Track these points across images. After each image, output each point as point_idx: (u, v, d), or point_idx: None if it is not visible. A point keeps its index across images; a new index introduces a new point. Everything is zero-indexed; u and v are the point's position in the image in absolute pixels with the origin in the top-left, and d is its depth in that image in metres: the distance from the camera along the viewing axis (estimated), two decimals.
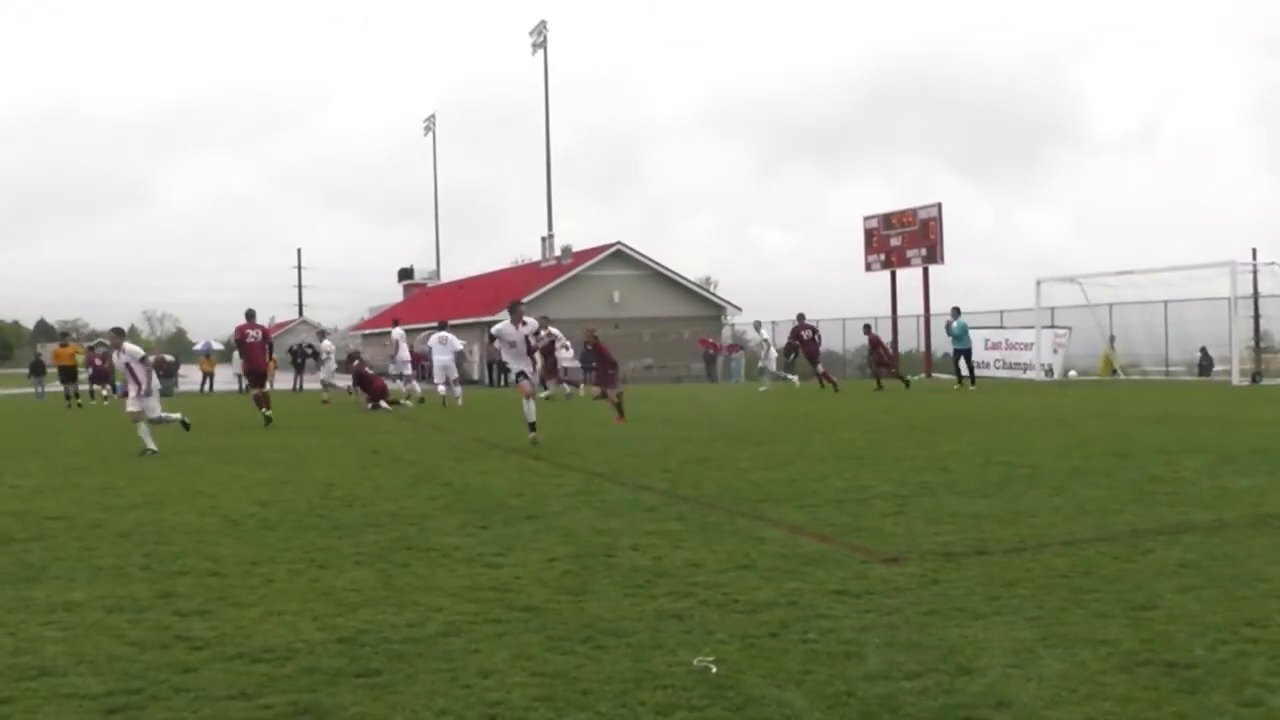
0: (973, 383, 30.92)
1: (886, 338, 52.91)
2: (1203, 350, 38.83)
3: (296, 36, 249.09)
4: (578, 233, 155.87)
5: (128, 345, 16.54)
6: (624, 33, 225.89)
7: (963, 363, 31.86)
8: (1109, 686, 4.50)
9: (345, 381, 31.23)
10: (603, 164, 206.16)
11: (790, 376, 35.30)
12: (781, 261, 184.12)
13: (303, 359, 47.33)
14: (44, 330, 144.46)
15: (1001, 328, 44.85)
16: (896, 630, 5.40)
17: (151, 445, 15.67)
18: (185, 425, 17.80)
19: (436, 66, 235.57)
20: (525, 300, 54.26)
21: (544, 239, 62.58)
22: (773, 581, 6.57)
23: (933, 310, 49.98)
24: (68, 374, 36.60)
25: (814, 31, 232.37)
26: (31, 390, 43.32)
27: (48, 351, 54.22)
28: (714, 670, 4.80)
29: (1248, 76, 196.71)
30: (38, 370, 44.02)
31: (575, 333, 50.25)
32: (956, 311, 31.55)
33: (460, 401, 27.83)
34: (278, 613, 6.03)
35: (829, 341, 59.34)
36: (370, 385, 27.48)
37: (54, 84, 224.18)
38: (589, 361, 28.61)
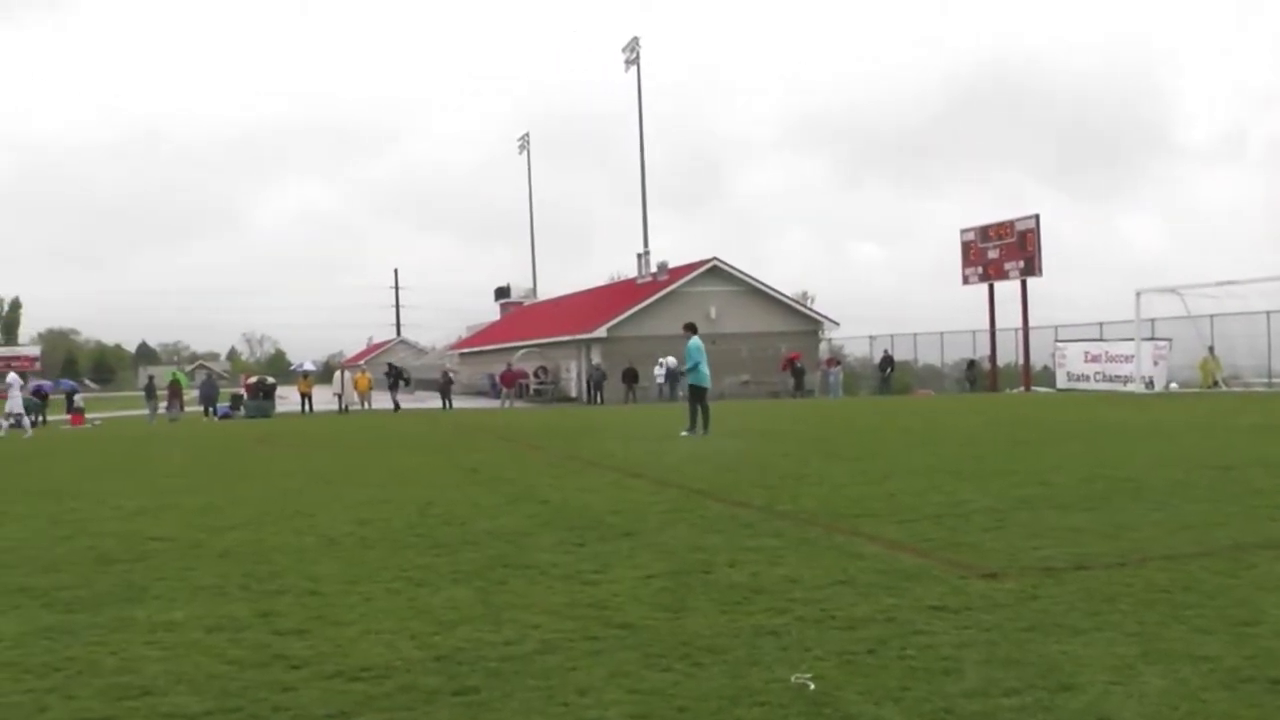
0: (706, 427, 20.96)
1: (984, 350, 52.51)
2: None
3: (384, 56, 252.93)
4: (667, 248, 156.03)
5: None
6: (706, 44, 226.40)
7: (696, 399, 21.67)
8: (1211, 703, 4.40)
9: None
10: (689, 177, 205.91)
11: None
12: (875, 274, 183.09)
13: (396, 379, 49.83)
14: (145, 354, 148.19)
15: (1101, 340, 44.27)
16: (995, 646, 5.33)
17: None
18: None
19: (521, 82, 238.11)
20: (623, 317, 54.91)
21: (640, 255, 62.76)
22: (870, 597, 6.51)
23: (1032, 323, 49.48)
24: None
25: (895, 40, 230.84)
26: (145, 412, 44.46)
27: (156, 374, 55.96)
28: (811, 687, 4.78)
29: None
30: (151, 393, 45.19)
31: (676, 348, 50.43)
32: (690, 329, 22.02)
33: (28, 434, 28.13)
34: (375, 631, 6.08)
35: (928, 354, 58.90)
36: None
37: (146, 107, 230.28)
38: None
